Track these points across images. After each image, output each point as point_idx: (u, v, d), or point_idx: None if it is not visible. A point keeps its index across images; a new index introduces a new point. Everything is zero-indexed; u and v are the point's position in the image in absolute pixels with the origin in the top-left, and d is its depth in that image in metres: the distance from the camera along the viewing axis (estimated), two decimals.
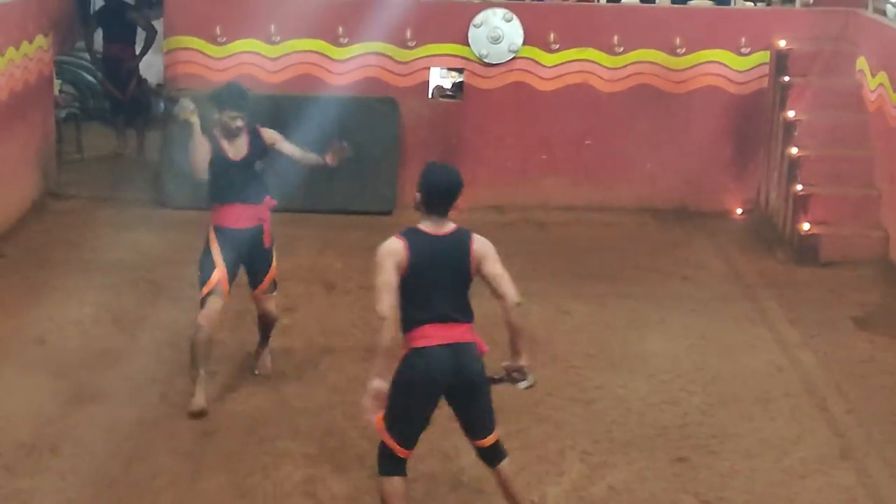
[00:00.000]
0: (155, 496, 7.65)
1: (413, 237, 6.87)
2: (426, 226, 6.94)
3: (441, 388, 6.91)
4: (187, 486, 7.75)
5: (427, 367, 6.84)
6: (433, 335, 6.84)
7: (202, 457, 8.16)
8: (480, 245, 7.03)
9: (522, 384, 7.17)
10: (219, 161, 9.11)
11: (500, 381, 7.19)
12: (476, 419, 7.09)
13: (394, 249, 6.77)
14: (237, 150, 9.20)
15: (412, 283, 6.79)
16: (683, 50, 13.93)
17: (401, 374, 6.88)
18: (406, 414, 6.93)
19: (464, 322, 7.00)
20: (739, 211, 14.06)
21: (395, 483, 6.95)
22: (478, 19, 13.86)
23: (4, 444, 8.26)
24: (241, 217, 9.14)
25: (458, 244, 6.94)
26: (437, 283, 6.85)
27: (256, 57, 13.99)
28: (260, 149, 9.28)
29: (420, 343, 6.83)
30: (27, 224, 12.93)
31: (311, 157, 9.51)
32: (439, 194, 6.97)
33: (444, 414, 8.87)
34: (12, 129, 12.83)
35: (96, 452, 8.19)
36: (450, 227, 6.99)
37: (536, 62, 13.99)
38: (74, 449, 8.22)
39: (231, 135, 9.16)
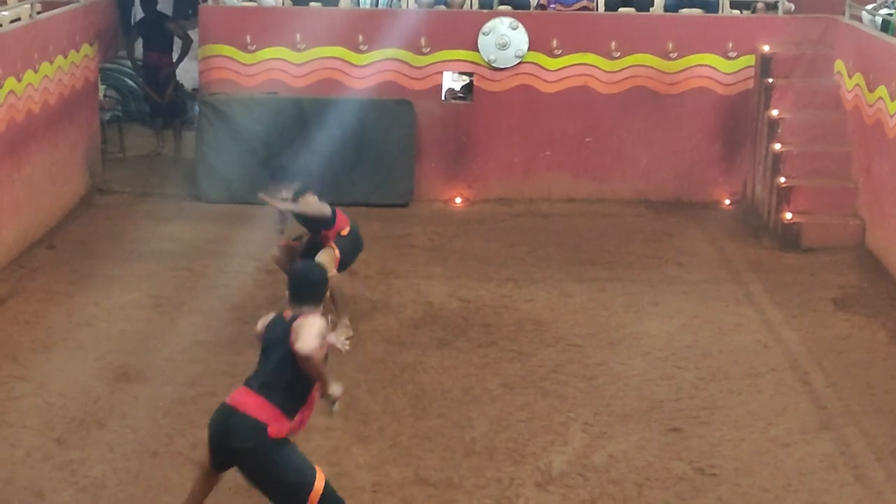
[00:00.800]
0: (194, 466, 7.66)
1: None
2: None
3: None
4: None
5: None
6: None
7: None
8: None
9: (333, 408, 6.80)
10: None
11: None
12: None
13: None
14: None
15: None
16: (675, 54, 13.90)
17: None
18: None
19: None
20: (727, 202, 14.03)
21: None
22: (486, 27, 13.84)
23: (56, 419, 8.30)
24: None
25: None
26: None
27: (283, 63, 13.98)
28: None
29: None
30: (75, 218, 12.95)
31: None
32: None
33: (458, 387, 8.95)
34: (61, 131, 12.85)
35: (140, 427, 8.22)
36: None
37: (540, 66, 13.96)
38: (120, 423, 8.26)
39: None
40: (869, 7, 13.17)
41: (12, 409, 8.42)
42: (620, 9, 14.39)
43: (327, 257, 9.50)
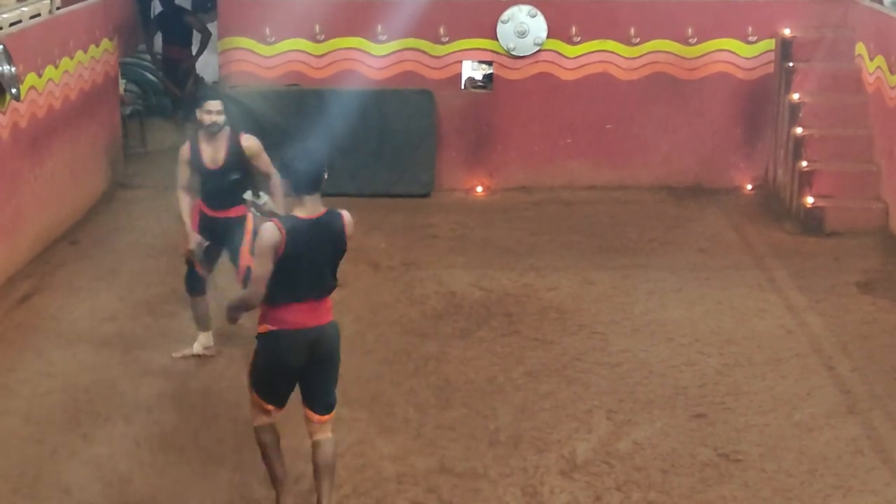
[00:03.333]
0: (219, 460, 7.72)
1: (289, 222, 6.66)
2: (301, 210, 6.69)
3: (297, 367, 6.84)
4: (249, 450, 7.77)
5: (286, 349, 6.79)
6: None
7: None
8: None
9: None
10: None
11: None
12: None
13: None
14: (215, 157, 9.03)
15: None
16: (695, 40, 13.86)
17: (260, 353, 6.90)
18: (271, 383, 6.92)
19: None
20: (749, 187, 13.99)
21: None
22: (505, 15, 13.83)
23: (83, 414, 8.35)
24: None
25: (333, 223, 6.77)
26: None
27: (302, 55, 14.00)
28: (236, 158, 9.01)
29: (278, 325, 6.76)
30: (97, 213, 13.00)
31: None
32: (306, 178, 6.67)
33: (481, 377, 8.96)
34: (82, 126, 12.90)
35: (166, 421, 8.26)
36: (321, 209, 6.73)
37: (560, 54, 13.94)
38: (146, 418, 8.29)
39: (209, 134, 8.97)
40: None
41: (38, 405, 8.47)
42: None
43: None
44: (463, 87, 14.08)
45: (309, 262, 6.64)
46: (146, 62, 16.97)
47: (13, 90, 10.69)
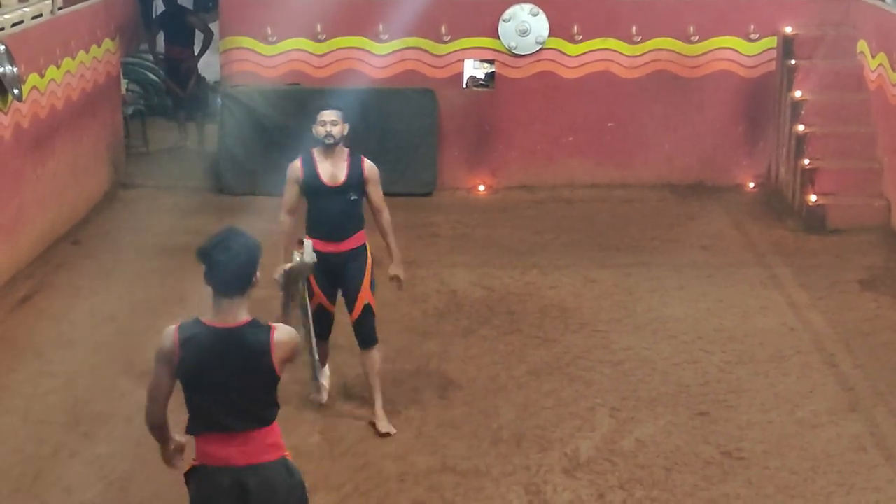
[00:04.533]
0: None
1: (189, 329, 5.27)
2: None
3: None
4: None
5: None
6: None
7: None
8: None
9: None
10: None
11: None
12: None
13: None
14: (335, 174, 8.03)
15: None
16: (697, 38, 13.84)
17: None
18: None
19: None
20: (751, 185, 13.96)
21: None
22: (507, 14, 13.81)
23: (83, 414, 8.33)
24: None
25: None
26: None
27: (304, 54, 13.98)
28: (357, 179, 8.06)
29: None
30: (99, 212, 12.98)
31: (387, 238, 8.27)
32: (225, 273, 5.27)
33: (483, 375, 8.94)
34: (84, 126, 12.88)
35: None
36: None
37: (561, 52, 13.92)
38: None
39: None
40: None
41: (39, 405, 8.45)
42: None
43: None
44: (465, 86, 14.06)
45: (213, 384, 5.23)
46: (148, 62, 16.96)
47: (15, 90, 10.67)
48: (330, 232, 7.97)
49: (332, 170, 8.04)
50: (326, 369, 8.51)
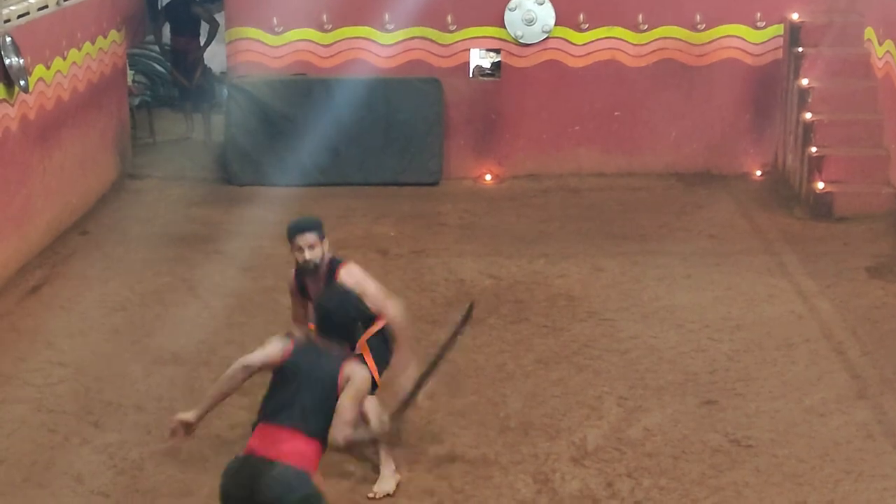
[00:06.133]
0: (231, 447, 7.72)
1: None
2: None
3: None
4: None
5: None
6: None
7: None
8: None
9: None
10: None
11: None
12: None
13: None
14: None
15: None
16: (703, 25, 13.83)
17: None
18: None
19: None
20: (758, 173, 13.97)
21: None
22: (512, 3, 13.80)
23: (94, 402, 8.38)
24: None
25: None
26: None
27: (310, 44, 13.99)
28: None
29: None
30: (107, 203, 13.02)
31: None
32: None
33: (491, 364, 8.97)
34: (91, 117, 12.92)
35: (177, 409, 8.18)
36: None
37: (568, 41, 13.92)
38: (157, 406, 8.32)
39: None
40: None
41: (50, 394, 8.51)
42: None
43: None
44: (471, 76, 14.07)
45: (292, 388, 5.81)
46: (154, 53, 16.98)
47: (21, 82, 10.71)
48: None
49: (316, 289, 7.19)
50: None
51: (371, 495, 7.22)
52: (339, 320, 5.95)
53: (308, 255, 7.02)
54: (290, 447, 5.66)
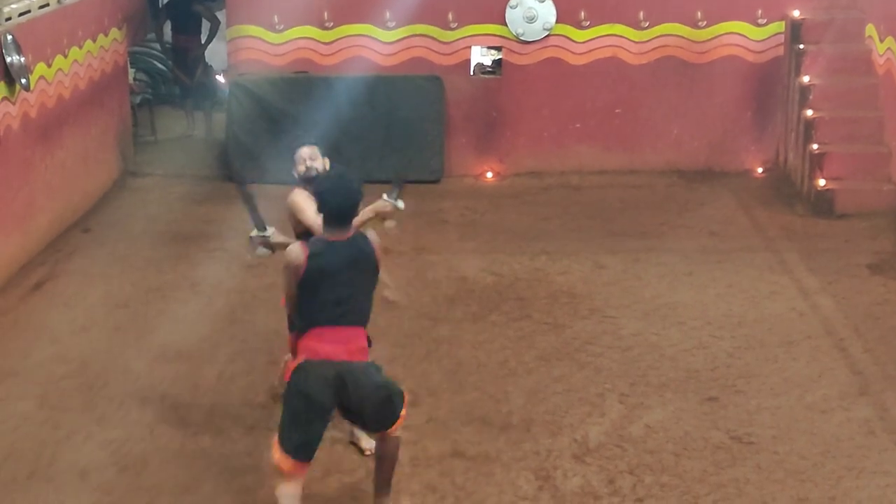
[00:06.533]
0: (234, 444, 7.77)
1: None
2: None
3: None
4: (264, 433, 7.84)
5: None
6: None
7: (275, 407, 8.24)
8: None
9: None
10: None
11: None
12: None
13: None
14: None
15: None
16: (704, 23, 13.85)
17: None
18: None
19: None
20: (760, 170, 13.99)
21: None
22: (514, 1, 13.82)
23: (97, 398, 8.40)
24: None
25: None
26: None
27: (311, 42, 14.00)
28: None
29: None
30: (109, 201, 13.04)
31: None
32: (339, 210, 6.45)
33: (493, 361, 8.99)
34: (92, 115, 12.93)
35: (180, 405, 8.31)
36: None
37: (569, 38, 13.94)
38: (160, 403, 8.34)
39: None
40: None
41: (54, 390, 8.52)
42: None
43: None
44: (472, 73, 14.08)
45: (336, 285, 6.32)
46: (155, 51, 16.99)
47: (23, 80, 10.73)
48: None
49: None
50: None
51: (368, 452, 7.49)
52: (342, 202, 6.42)
53: (310, 163, 7.71)
54: (355, 345, 6.38)
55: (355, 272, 6.37)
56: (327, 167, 7.75)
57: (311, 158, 7.76)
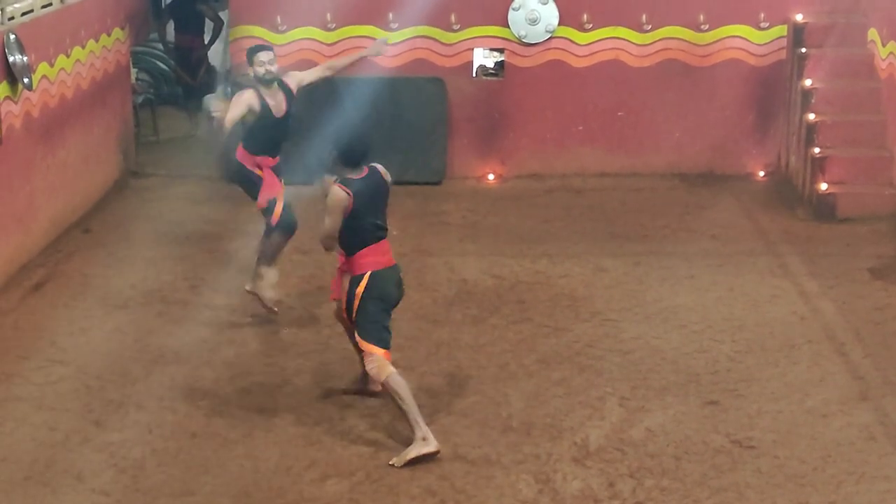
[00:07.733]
0: (232, 446, 7.72)
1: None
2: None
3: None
4: (262, 436, 7.82)
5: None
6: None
7: (274, 410, 8.22)
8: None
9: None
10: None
11: None
12: None
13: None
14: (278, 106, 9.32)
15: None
16: (707, 26, 13.82)
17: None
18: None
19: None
20: (762, 173, 13.95)
21: None
22: (516, 3, 13.79)
23: (95, 401, 8.35)
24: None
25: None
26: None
27: (314, 43, 13.98)
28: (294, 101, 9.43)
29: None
30: (110, 201, 13.01)
31: (344, 61, 10.26)
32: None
33: (493, 364, 8.95)
34: (94, 114, 12.90)
35: (178, 408, 8.26)
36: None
37: (571, 41, 13.91)
38: (158, 405, 8.30)
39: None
40: None
41: (51, 392, 8.48)
42: None
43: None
44: (474, 75, 14.05)
45: (374, 211, 7.73)
46: (158, 51, 16.98)
47: (25, 79, 10.70)
48: (279, 149, 9.75)
49: (276, 104, 9.40)
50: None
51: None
52: (365, 149, 7.85)
53: (269, 67, 9.23)
54: (391, 253, 7.91)
55: (379, 198, 7.84)
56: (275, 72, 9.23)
57: (270, 63, 9.17)
